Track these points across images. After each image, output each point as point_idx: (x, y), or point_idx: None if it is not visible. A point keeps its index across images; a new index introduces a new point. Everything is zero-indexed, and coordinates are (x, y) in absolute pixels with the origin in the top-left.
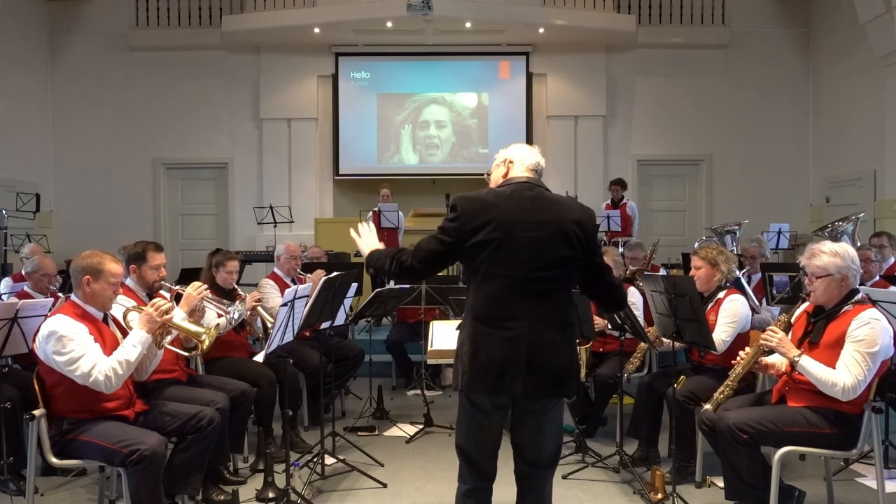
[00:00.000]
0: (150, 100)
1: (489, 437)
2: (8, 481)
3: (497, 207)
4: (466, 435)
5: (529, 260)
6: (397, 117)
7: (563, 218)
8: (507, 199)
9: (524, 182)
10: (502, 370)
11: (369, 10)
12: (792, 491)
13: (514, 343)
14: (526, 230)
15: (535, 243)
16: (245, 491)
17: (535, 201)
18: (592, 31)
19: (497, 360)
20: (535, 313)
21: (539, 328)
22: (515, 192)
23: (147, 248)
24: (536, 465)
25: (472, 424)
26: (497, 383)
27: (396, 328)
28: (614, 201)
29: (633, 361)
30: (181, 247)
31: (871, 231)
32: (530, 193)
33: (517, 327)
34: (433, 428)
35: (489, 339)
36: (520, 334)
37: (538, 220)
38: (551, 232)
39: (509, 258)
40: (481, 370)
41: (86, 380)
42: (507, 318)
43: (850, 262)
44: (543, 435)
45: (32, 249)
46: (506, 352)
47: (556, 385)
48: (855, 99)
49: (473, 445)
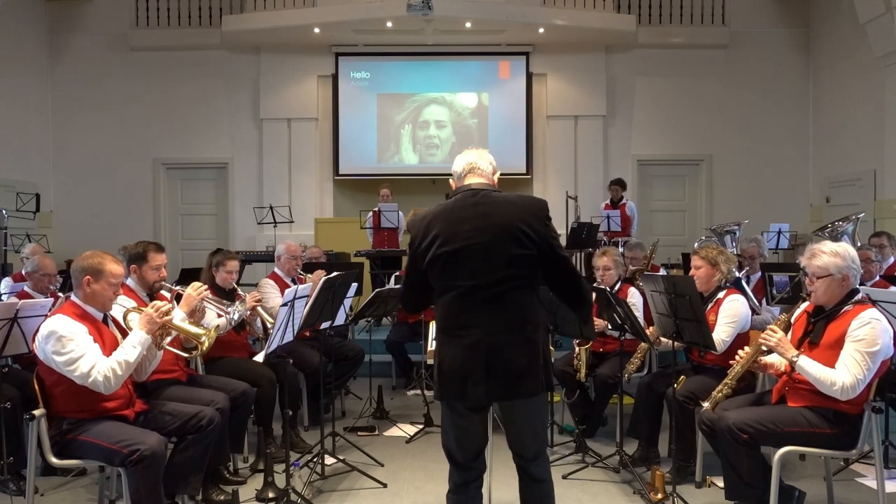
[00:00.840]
0: (150, 100)
1: (469, 439)
2: (8, 481)
3: (439, 221)
4: (449, 437)
5: (477, 267)
6: (397, 117)
7: (510, 217)
8: (450, 212)
9: (468, 190)
10: (464, 377)
11: (369, 10)
12: (792, 491)
13: (471, 350)
14: (468, 238)
15: (479, 249)
16: (245, 491)
17: (478, 206)
18: (592, 31)
19: (458, 368)
20: (490, 318)
21: (495, 332)
22: (458, 201)
23: (148, 249)
24: (524, 457)
25: (452, 427)
26: (461, 390)
27: (396, 328)
28: (613, 201)
29: (634, 362)
30: (181, 247)
31: (871, 231)
32: (473, 199)
33: (473, 334)
34: (433, 428)
35: (450, 348)
36: (476, 341)
37: (481, 225)
38: (496, 234)
39: (457, 269)
40: (446, 379)
41: (85, 380)
42: (464, 327)
43: (851, 262)
44: (525, 430)
45: (33, 249)
46: (465, 359)
47: (518, 386)
48: (855, 99)
49: (455, 446)
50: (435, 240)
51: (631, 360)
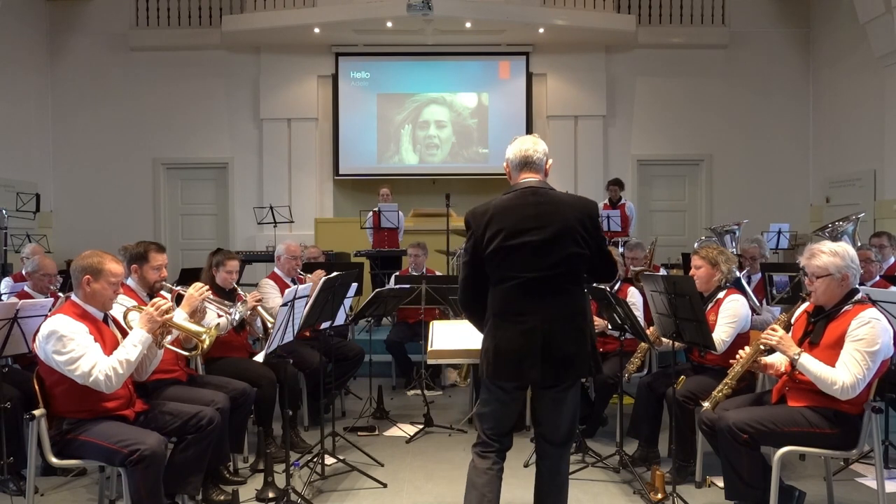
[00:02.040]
0: (150, 100)
1: (507, 416)
2: (8, 481)
3: (502, 218)
4: (487, 415)
5: (536, 261)
6: (397, 117)
7: (567, 218)
8: (512, 210)
9: (527, 188)
10: (520, 359)
11: (369, 10)
12: (792, 491)
13: (529, 335)
14: (531, 234)
15: (540, 246)
16: (245, 491)
17: (539, 206)
18: (592, 31)
19: (515, 351)
20: (547, 308)
21: (551, 320)
22: (519, 199)
23: (149, 249)
24: (553, 443)
25: (494, 404)
26: (516, 371)
27: (396, 328)
28: (612, 201)
29: (634, 362)
30: (181, 247)
31: (871, 231)
32: (533, 199)
33: (531, 321)
34: (433, 428)
35: (507, 332)
36: (533, 327)
37: (542, 223)
38: (555, 233)
39: (519, 262)
40: (502, 360)
41: (86, 379)
42: (522, 314)
43: (850, 261)
44: (560, 413)
45: (33, 249)
46: (522, 343)
47: (569, 369)
48: (855, 99)
49: (491, 421)
50: (499, 233)
51: (631, 359)
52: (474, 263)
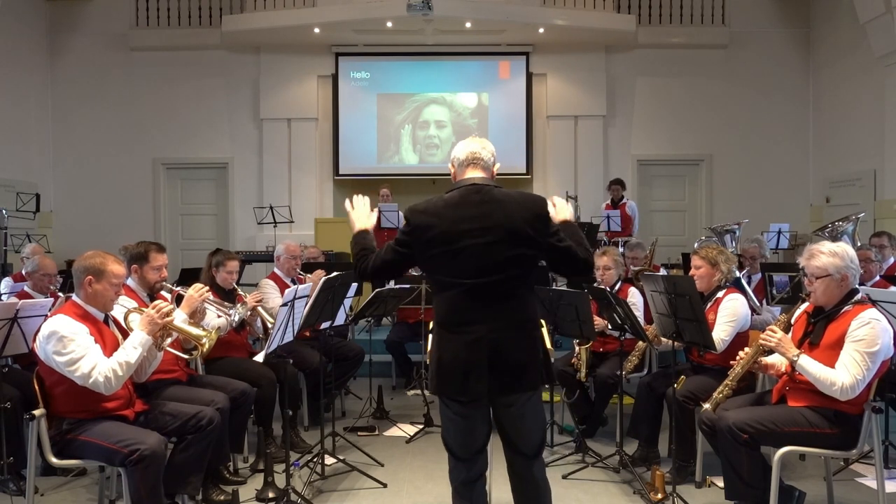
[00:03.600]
0: (150, 100)
1: (470, 435)
2: (8, 481)
3: (443, 218)
4: (450, 432)
5: (479, 266)
6: (397, 117)
7: (513, 217)
8: (454, 208)
9: (471, 185)
10: (466, 373)
11: (369, 10)
12: (792, 491)
13: (474, 346)
14: (473, 236)
15: (482, 249)
16: (245, 491)
17: (481, 205)
18: (592, 31)
19: (460, 364)
20: (492, 315)
21: (497, 329)
22: (462, 197)
23: (149, 249)
24: (523, 455)
25: (451, 423)
26: (462, 385)
27: (396, 328)
28: (614, 201)
29: (632, 360)
30: (181, 247)
31: (871, 231)
32: (476, 198)
33: (476, 331)
34: (433, 428)
35: (451, 343)
36: (479, 337)
37: (485, 225)
38: (499, 235)
39: (460, 267)
40: (447, 374)
41: (86, 381)
42: (466, 323)
43: (850, 261)
44: (524, 426)
45: (33, 249)
46: (467, 355)
47: (518, 380)
48: (855, 99)
49: (455, 441)
50: (439, 235)
51: (629, 357)
52: (404, 255)
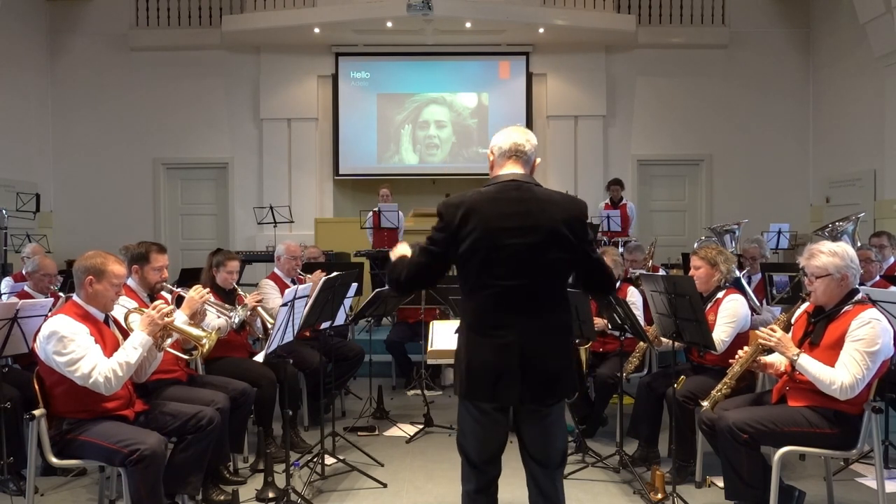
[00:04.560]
0: (150, 100)
1: (491, 441)
2: (8, 481)
3: (481, 213)
4: (469, 438)
5: (518, 268)
6: (397, 117)
7: (554, 219)
8: (492, 203)
9: (510, 181)
10: (497, 378)
11: (369, 10)
12: (792, 491)
13: (506, 351)
14: (513, 236)
15: (523, 250)
16: (245, 491)
17: (522, 203)
18: (592, 31)
19: (491, 369)
20: (527, 320)
21: (531, 334)
22: (501, 193)
23: (150, 249)
24: (546, 465)
25: (474, 428)
26: (492, 391)
27: (396, 328)
28: (614, 201)
29: (633, 361)
30: (181, 247)
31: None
32: (517, 194)
33: (509, 335)
34: (433, 428)
35: (482, 347)
36: (511, 342)
37: (526, 224)
38: (541, 236)
39: (498, 267)
40: (477, 378)
41: (85, 381)
42: (499, 327)
43: (850, 261)
44: (549, 436)
45: (34, 249)
46: (499, 360)
47: (551, 389)
48: (855, 99)
49: (476, 448)
50: (473, 231)
51: (629, 359)
52: (438, 256)
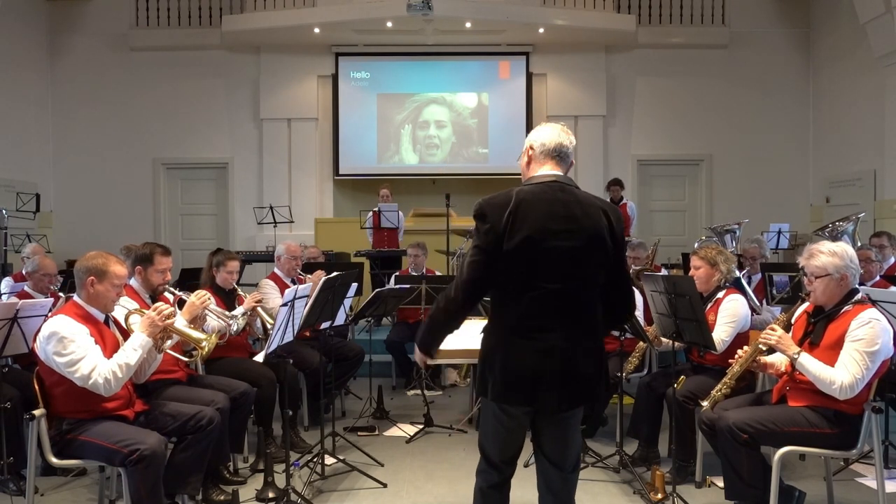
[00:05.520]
0: (150, 100)
1: (513, 442)
2: (8, 481)
3: (527, 213)
4: (490, 439)
5: (565, 271)
6: (397, 117)
7: (598, 223)
8: (538, 204)
9: (553, 182)
10: (535, 382)
11: (369, 10)
12: (792, 491)
13: (547, 355)
14: (559, 239)
15: (570, 253)
16: (245, 491)
17: (567, 206)
18: (592, 31)
19: (529, 372)
20: (570, 323)
21: (573, 338)
22: (545, 194)
23: (155, 251)
24: (561, 468)
25: (497, 430)
26: (530, 395)
27: (396, 328)
28: (614, 201)
29: (632, 360)
30: (181, 247)
31: (871, 231)
32: (562, 196)
33: (551, 338)
34: (433, 428)
35: (523, 350)
36: (552, 346)
37: (572, 227)
38: (586, 240)
39: (543, 269)
40: (515, 381)
41: (85, 382)
42: (543, 329)
43: (849, 261)
44: (567, 439)
45: (34, 249)
46: (538, 363)
47: (588, 393)
48: (855, 99)
49: (497, 448)
50: (525, 230)
51: (629, 359)
52: (490, 263)
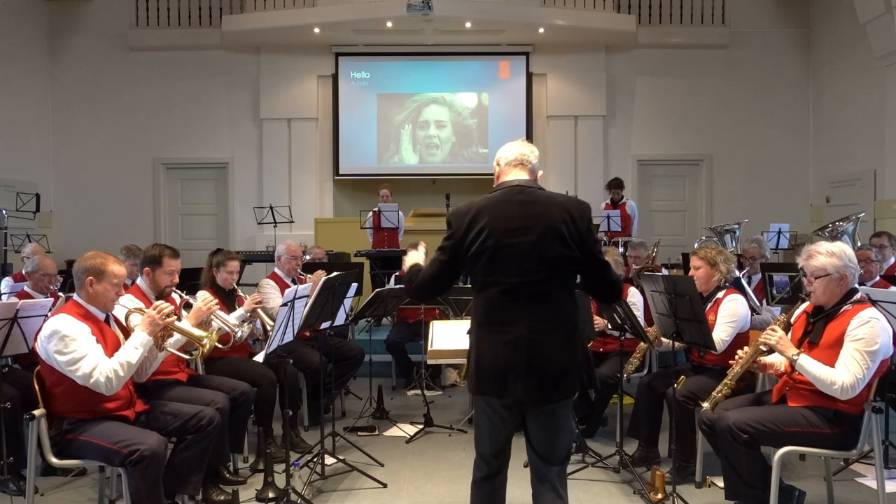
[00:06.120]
0: (150, 100)
1: (499, 435)
2: (8, 481)
3: (486, 215)
4: (480, 431)
5: (522, 264)
6: (397, 117)
7: (556, 218)
8: (496, 205)
9: (514, 185)
10: (504, 373)
11: (369, 10)
12: (792, 491)
13: (513, 346)
14: (517, 235)
15: (526, 247)
16: (245, 491)
17: (525, 205)
18: (592, 31)
19: (499, 364)
20: (534, 316)
21: (538, 330)
22: (505, 196)
23: (164, 253)
24: (549, 462)
25: (484, 422)
26: (500, 386)
27: (396, 328)
28: (614, 201)
29: (633, 361)
30: (181, 247)
31: (871, 231)
32: (520, 196)
33: (516, 331)
34: (433, 428)
35: (491, 344)
36: (518, 337)
37: (528, 224)
38: (542, 233)
39: (504, 265)
40: (486, 374)
41: (86, 381)
42: (506, 322)
43: (848, 261)
44: (554, 433)
45: (34, 249)
46: (506, 355)
47: (556, 386)
48: (855, 99)
49: (482, 440)
50: (481, 233)
51: (630, 359)
52: (449, 262)
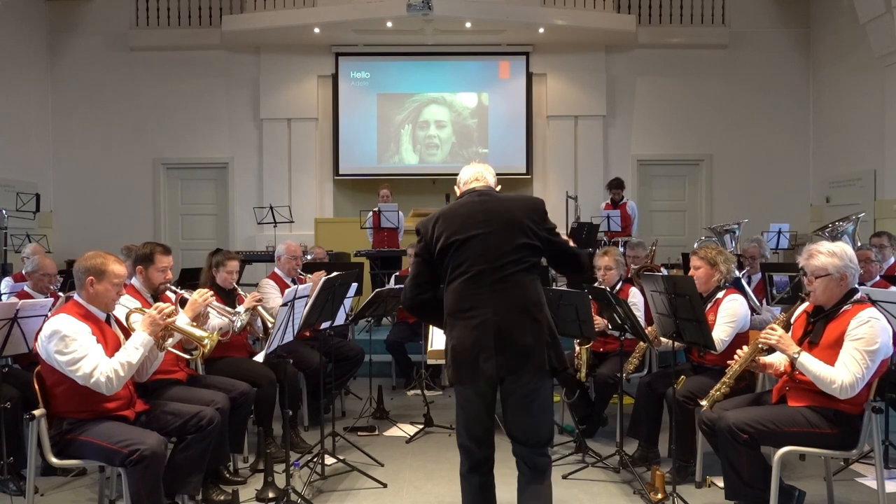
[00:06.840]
0: (150, 100)
1: (475, 421)
2: (8, 481)
3: (450, 217)
4: (458, 421)
5: (485, 252)
6: (397, 117)
7: (512, 211)
8: (458, 207)
9: (472, 192)
10: (475, 355)
11: (369, 10)
12: (792, 491)
13: (481, 329)
14: (478, 228)
15: (487, 237)
16: (245, 491)
17: (484, 203)
18: (592, 31)
19: (469, 347)
20: (498, 299)
21: (502, 312)
22: (465, 199)
23: (155, 251)
24: (528, 444)
25: (460, 411)
26: (473, 370)
27: (396, 328)
28: (614, 201)
29: (633, 361)
30: (181, 247)
31: (871, 231)
32: (479, 199)
33: (482, 314)
34: (433, 428)
35: (460, 330)
36: (485, 320)
37: (487, 218)
38: (502, 224)
39: (466, 255)
40: (459, 361)
41: (87, 381)
42: (474, 307)
43: (848, 261)
44: (530, 414)
45: (34, 249)
46: (476, 338)
47: (525, 360)
48: (855, 99)
49: (462, 430)
50: (444, 231)
51: (630, 359)
52: (425, 262)
